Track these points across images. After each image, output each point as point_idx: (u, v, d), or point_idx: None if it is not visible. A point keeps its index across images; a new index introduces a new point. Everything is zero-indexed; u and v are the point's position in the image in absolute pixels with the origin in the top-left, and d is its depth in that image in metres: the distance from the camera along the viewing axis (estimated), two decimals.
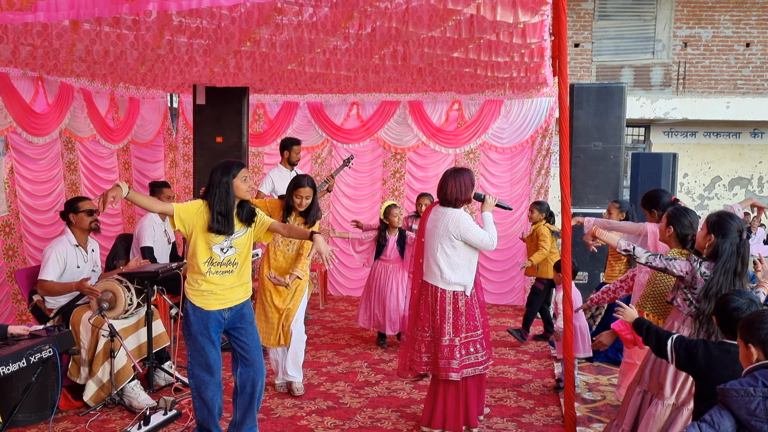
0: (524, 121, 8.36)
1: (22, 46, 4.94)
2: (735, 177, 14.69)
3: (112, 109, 7.77)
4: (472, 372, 4.38)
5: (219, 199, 3.74)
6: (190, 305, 3.85)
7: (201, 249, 3.78)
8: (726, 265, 3.36)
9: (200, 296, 3.83)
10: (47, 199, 6.68)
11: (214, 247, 3.78)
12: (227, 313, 3.90)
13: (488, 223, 4.35)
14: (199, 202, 3.83)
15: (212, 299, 3.84)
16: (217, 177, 3.78)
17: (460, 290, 4.33)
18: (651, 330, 3.20)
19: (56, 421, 4.59)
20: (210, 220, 3.74)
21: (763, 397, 2.32)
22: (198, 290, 3.83)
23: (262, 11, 4.12)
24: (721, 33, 14.43)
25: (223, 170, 3.80)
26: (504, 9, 4.02)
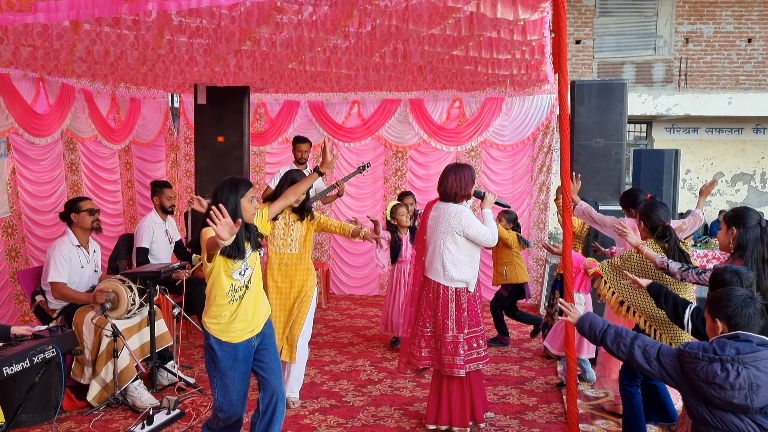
0: (525, 119, 8.35)
1: (23, 47, 4.95)
2: (737, 173, 14.67)
3: (114, 109, 7.78)
4: (475, 366, 4.39)
5: None
6: (215, 341, 3.49)
7: (222, 279, 3.43)
8: (753, 254, 3.41)
9: (226, 330, 3.49)
10: (49, 200, 6.69)
11: (234, 273, 3.45)
12: (257, 340, 3.61)
13: (489, 220, 4.38)
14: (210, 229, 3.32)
15: (239, 328, 3.51)
16: (224, 195, 3.43)
17: (462, 287, 4.33)
18: (669, 296, 3.29)
19: (60, 421, 4.60)
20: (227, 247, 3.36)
21: (708, 361, 2.57)
22: (222, 324, 3.48)
23: (261, 10, 4.12)
24: (722, 29, 14.40)
25: (230, 188, 3.46)
26: (504, 6, 4.02)
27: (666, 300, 3.32)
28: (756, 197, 14.71)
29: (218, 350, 3.49)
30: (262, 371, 3.68)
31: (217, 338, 3.49)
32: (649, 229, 4.14)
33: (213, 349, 3.50)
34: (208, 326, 3.51)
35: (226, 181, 3.50)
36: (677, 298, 3.29)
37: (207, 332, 3.51)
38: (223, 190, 3.45)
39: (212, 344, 3.50)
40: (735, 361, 2.54)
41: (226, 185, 3.47)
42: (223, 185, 3.48)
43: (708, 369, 2.57)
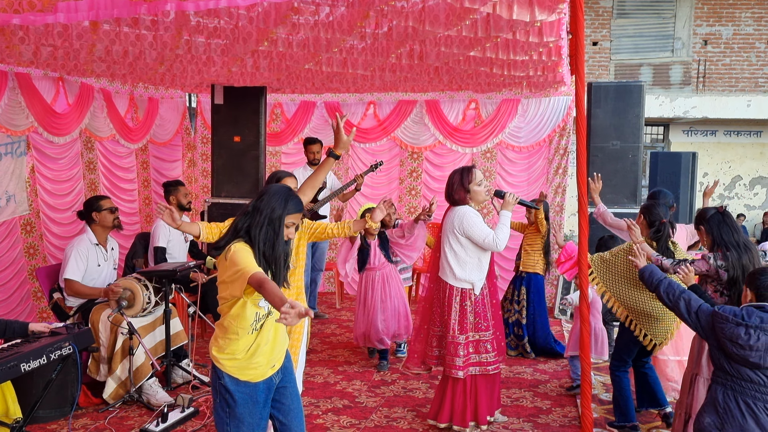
0: (541, 120, 8.32)
1: (43, 46, 5.00)
2: (756, 176, 14.51)
3: (132, 108, 7.84)
4: (478, 371, 4.37)
5: (265, 236, 2.87)
6: (231, 381, 2.91)
7: (248, 309, 2.89)
8: (725, 238, 3.85)
9: (245, 367, 2.93)
10: (67, 198, 6.76)
11: (261, 300, 2.89)
12: (278, 377, 3.07)
13: (502, 223, 4.31)
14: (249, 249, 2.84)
15: (260, 363, 2.96)
16: (273, 203, 2.89)
17: (468, 287, 4.33)
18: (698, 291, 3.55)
19: (76, 417, 4.64)
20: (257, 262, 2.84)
21: (735, 324, 3.07)
22: (240, 360, 2.92)
23: (278, 11, 4.13)
24: (741, 30, 14.26)
25: (282, 200, 2.91)
26: (521, 7, 4.00)
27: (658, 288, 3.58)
28: None
29: (236, 392, 2.92)
30: (282, 415, 3.10)
31: (233, 377, 2.92)
32: (647, 222, 4.40)
33: (228, 390, 2.92)
34: (221, 363, 2.93)
35: (274, 191, 2.94)
36: (699, 289, 3.60)
37: (219, 370, 2.93)
38: (271, 199, 2.91)
39: (226, 385, 2.92)
40: (757, 328, 3.03)
41: (275, 195, 2.92)
42: (272, 195, 2.93)
43: (734, 330, 3.06)
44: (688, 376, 3.92)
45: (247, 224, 2.87)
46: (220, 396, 2.95)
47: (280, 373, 3.06)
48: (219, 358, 2.93)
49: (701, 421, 3.21)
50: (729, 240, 3.86)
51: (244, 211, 2.92)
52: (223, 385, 2.92)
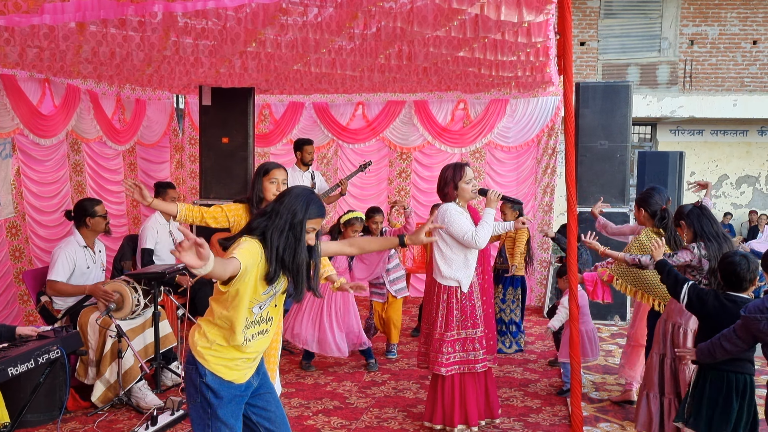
0: (530, 120, 8.35)
1: (29, 48, 4.96)
2: (742, 175, 14.63)
3: (119, 110, 7.80)
4: (463, 369, 4.36)
5: (285, 241, 2.67)
6: (214, 378, 2.70)
7: (243, 310, 2.69)
8: (705, 231, 4.02)
9: (231, 366, 2.74)
10: (53, 201, 6.71)
11: (255, 307, 2.73)
12: (256, 379, 2.89)
13: (485, 221, 4.29)
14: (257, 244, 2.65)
15: (245, 367, 2.80)
16: (295, 206, 2.70)
17: (454, 285, 4.33)
18: (671, 273, 3.78)
19: (64, 421, 4.61)
20: (269, 267, 2.66)
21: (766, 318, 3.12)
22: (227, 358, 2.73)
23: (267, 12, 4.12)
24: (727, 30, 14.38)
25: (304, 203, 2.71)
26: (508, 8, 4.01)
27: (668, 275, 3.79)
28: (761, 199, 14.67)
29: (220, 391, 2.70)
30: (269, 422, 2.92)
31: (217, 376, 2.70)
32: (649, 214, 4.56)
33: (212, 389, 2.69)
34: (206, 359, 2.70)
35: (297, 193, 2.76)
36: (678, 275, 3.77)
37: (202, 368, 2.70)
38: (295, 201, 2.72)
39: (210, 383, 2.69)
40: None
41: (298, 197, 2.73)
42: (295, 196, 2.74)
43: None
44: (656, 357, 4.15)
45: (264, 225, 2.67)
46: (201, 395, 2.71)
47: (257, 376, 2.88)
48: (205, 353, 2.70)
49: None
50: (709, 231, 4.03)
51: (262, 212, 2.73)
52: (205, 383, 2.69)
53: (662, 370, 4.12)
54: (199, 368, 2.71)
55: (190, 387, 2.75)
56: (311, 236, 2.76)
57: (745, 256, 3.47)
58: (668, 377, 4.10)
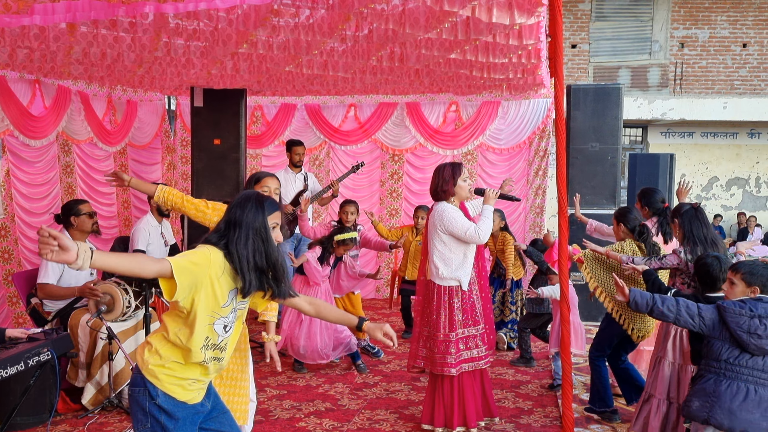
0: (521, 123, 8.37)
1: (19, 48, 4.94)
2: (732, 177, 14.72)
3: (110, 111, 7.77)
4: (471, 367, 4.38)
5: (254, 247, 2.54)
6: (167, 399, 2.52)
7: (201, 325, 2.51)
8: (695, 233, 4.10)
9: (186, 387, 2.58)
10: (43, 202, 6.68)
11: (217, 322, 2.56)
12: (208, 400, 2.73)
13: (485, 217, 4.32)
14: (208, 252, 2.51)
15: (198, 389, 2.64)
16: (248, 214, 2.58)
17: (455, 285, 4.34)
18: (656, 282, 3.99)
19: (54, 424, 4.58)
20: (243, 280, 2.53)
21: (749, 317, 3.26)
22: (183, 377, 2.56)
23: (258, 13, 4.12)
24: (717, 33, 14.47)
25: (256, 206, 2.61)
26: (500, 11, 4.02)
27: (653, 285, 3.97)
28: (751, 201, 14.76)
29: (175, 413, 2.53)
30: None
31: (171, 397, 2.53)
32: (628, 230, 4.65)
33: (165, 411, 2.51)
34: (159, 378, 2.51)
35: (250, 198, 2.64)
36: (662, 285, 3.96)
37: (154, 388, 2.51)
38: (248, 207, 2.60)
39: (163, 405, 2.51)
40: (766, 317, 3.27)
41: (251, 201, 2.62)
42: (247, 201, 2.62)
43: (750, 323, 3.25)
44: (653, 359, 4.19)
45: (224, 242, 2.54)
46: (152, 419, 2.50)
47: (208, 397, 2.71)
48: (158, 372, 2.51)
49: (690, 407, 3.39)
50: (698, 235, 4.12)
51: (216, 229, 2.59)
52: (158, 405, 2.50)
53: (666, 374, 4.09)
54: (149, 389, 2.51)
55: (138, 412, 2.53)
56: (277, 231, 2.67)
57: (717, 257, 3.69)
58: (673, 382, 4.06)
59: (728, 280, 3.51)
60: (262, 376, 5.69)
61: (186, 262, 2.41)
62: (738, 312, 3.30)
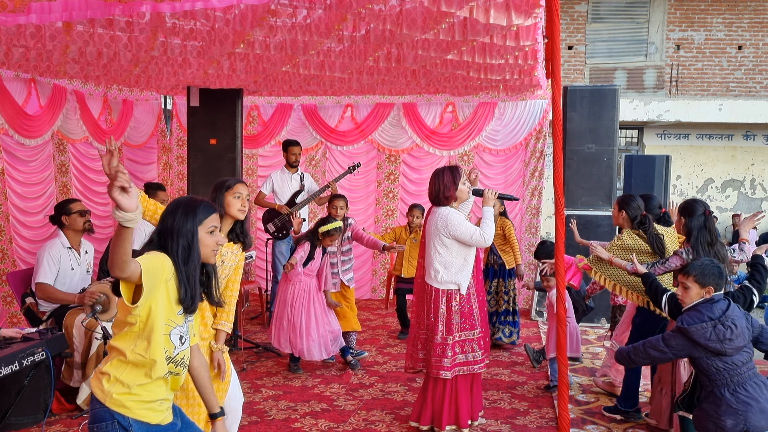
0: (518, 124, 8.38)
1: (15, 47, 4.92)
2: (727, 179, 14.76)
3: (105, 110, 7.75)
4: (465, 371, 4.39)
5: (183, 254, 2.47)
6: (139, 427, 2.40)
7: (159, 334, 2.41)
8: (699, 238, 4.17)
9: (156, 408, 2.47)
10: (38, 201, 6.66)
11: (173, 332, 2.47)
12: (177, 418, 2.63)
13: (487, 219, 4.34)
14: (164, 258, 2.43)
15: (165, 408, 2.53)
16: (177, 221, 2.49)
17: (453, 289, 4.34)
18: (653, 284, 4.07)
19: (49, 424, 4.56)
20: (180, 288, 2.44)
21: (713, 326, 3.32)
22: (151, 400, 2.45)
23: (255, 13, 4.12)
24: (713, 36, 14.51)
25: (186, 211, 2.51)
26: (497, 12, 4.03)
27: (651, 287, 4.08)
28: (746, 203, 14.81)
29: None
30: None
31: (144, 423, 2.42)
32: (629, 217, 4.68)
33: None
34: (127, 407, 2.39)
35: (181, 202, 2.56)
36: (659, 287, 4.04)
37: (124, 419, 2.38)
38: (177, 213, 2.50)
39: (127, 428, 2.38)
40: (727, 318, 3.34)
41: (181, 206, 2.53)
42: (178, 206, 2.53)
43: (714, 331, 3.32)
44: None
45: (164, 251, 2.46)
46: None
47: (176, 415, 2.61)
48: (125, 400, 2.37)
49: (724, 427, 3.35)
50: (703, 239, 4.19)
51: (150, 241, 2.51)
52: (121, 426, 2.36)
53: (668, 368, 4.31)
54: (119, 421, 2.36)
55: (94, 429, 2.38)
56: (216, 235, 2.58)
57: (711, 262, 3.75)
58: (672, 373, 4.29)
59: (681, 284, 3.58)
60: (257, 376, 5.69)
61: (149, 265, 2.32)
62: (700, 328, 3.35)
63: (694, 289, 3.50)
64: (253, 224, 8.39)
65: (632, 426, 4.64)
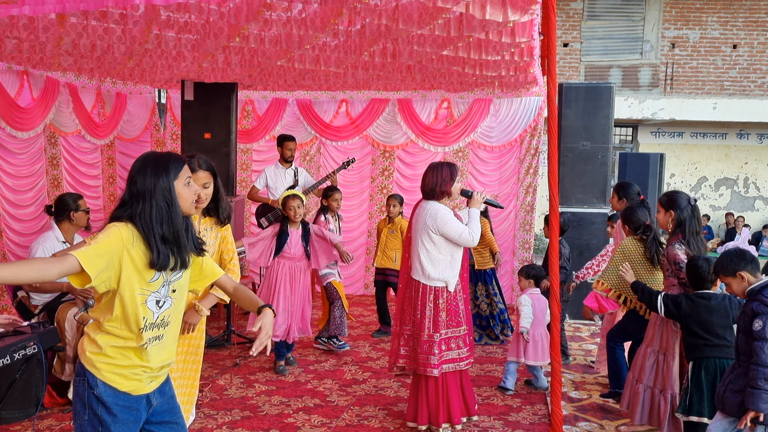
0: (513, 120, 8.38)
1: (8, 39, 4.88)
2: (721, 177, 14.81)
3: (98, 104, 7.70)
4: (452, 368, 4.39)
5: (158, 216, 2.36)
6: (107, 389, 2.37)
7: (133, 306, 2.37)
8: (689, 228, 4.20)
9: (128, 376, 2.42)
10: (28, 194, 6.61)
11: (149, 299, 2.40)
12: (156, 398, 2.53)
13: (473, 220, 4.34)
14: (118, 230, 2.34)
15: (145, 378, 2.47)
16: (149, 181, 2.37)
17: (441, 286, 4.33)
18: (645, 290, 4.17)
19: (40, 418, 4.55)
20: (152, 252, 2.34)
21: None
22: (123, 365, 2.41)
23: (251, 6, 4.10)
24: (708, 34, 14.55)
25: (157, 169, 2.39)
26: (493, 8, 4.02)
27: (643, 293, 4.18)
28: (739, 202, 14.87)
29: (113, 405, 2.37)
30: None
31: (111, 387, 2.38)
32: (632, 230, 4.76)
33: (103, 403, 2.37)
34: (96, 367, 2.38)
35: (147, 160, 2.43)
36: (651, 290, 4.16)
37: (92, 377, 2.38)
38: (146, 173, 2.38)
39: (101, 395, 2.37)
40: None
41: (149, 165, 2.40)
42: (144, 165, 2.40)
43: None
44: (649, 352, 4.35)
45: (128, 214, 2.36)
46: (90, 411, 2.37)
47: (159, 395, 2.53)
48: (95, 360, 2.37)
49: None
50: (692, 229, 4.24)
51: (121, 203, 2.40)
52: (96, 395, 2.36)
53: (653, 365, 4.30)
54: (88, 378, 2.38)
55: (77, 402, 2.41)
56: (193, 186, 2.49)
57: (706, 259, 3.90)
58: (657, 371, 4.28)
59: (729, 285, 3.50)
60: (250, 371, 5.68)
61: (95, 249, 2.26)
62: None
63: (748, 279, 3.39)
64: (246, 219, 8.37)
65: (624, 423, 4.65)
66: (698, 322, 3.85)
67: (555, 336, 4.14)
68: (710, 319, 3.83)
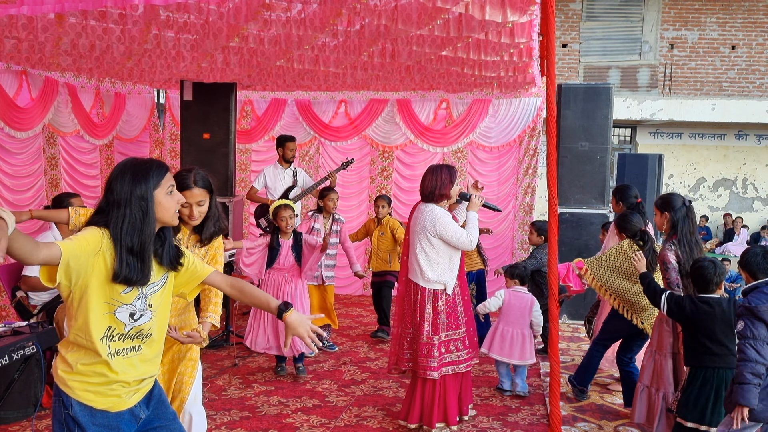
0: (512, 121, 8.38)
1: (7, 39, 4.88)
2: (719, 178, 14.83)
3: (98, 104, 7.70)
4: (452, 370, 4.39)
5: (130, 226, 2.23)
6: (81, 409, 2.27)
7: (96, 314, 2.23)
8: (683, 230, 4.21)
9: (103, 392, 2.30)
10: (27, 194, 6.61)
11: (119, 310, 2.26)
12: (145, 410, 2.43)
13: (471, 223, 4.35)
14: (99, 233, 2.23)
15: (124, 393, 2.34)
16: (126, 188, 2.24)
17: (440, 288, 4.33)
18: (651, 284, 4.11)
19: (39, 418, 4.54)
20: (117, 263, 2.21)
21: None
22: (95, 382, 2.29)
23: (250, 7, 4.10)
24: (707, 35, 14.56)
25: (135, 177, 2.26)
26: (492, 8, 4.02)
27: (649, 287, 4.11)
28: (737, 202, 14.88)
29: (89, 423, 2.26)
30: None
31: (86, 406, 2.27)
32: (628, 237, 4.83)
33: (77, 422, 2.25)
34: (69, 386, 2.28)
35: (127, 166, 2.30)
36: (657, 287, 4.10)
37: (66, 397, 2.28)
38: (124, 180, 2.25)
39: (76, 416, 2.25)
40: None
41: (128, 171, 2.28)
42: (123, 171, 2.28)
43: None
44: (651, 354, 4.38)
45: (104, 221, 2.25)
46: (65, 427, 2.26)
47: (145, 405, 2.42)
48: (67, 379, 2.27)
49: None
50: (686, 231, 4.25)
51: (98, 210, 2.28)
52: (71, 416, 2.24)
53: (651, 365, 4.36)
54: (63, 398, 2.27)
55: (55, 423, 2.30)
56: (176, 195, 2.35)
57: (713, 262, 3.84)
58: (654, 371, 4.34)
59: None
60: (249, 371, 5.67)
61: (77, 245, 2.15)
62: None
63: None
64: (245, 219, 8.37)
65: (623, 423, 4.65)
66: (700, 327, 3.79)
67: (555, 336, 4.14)
68: (712, 327, 3.75)
